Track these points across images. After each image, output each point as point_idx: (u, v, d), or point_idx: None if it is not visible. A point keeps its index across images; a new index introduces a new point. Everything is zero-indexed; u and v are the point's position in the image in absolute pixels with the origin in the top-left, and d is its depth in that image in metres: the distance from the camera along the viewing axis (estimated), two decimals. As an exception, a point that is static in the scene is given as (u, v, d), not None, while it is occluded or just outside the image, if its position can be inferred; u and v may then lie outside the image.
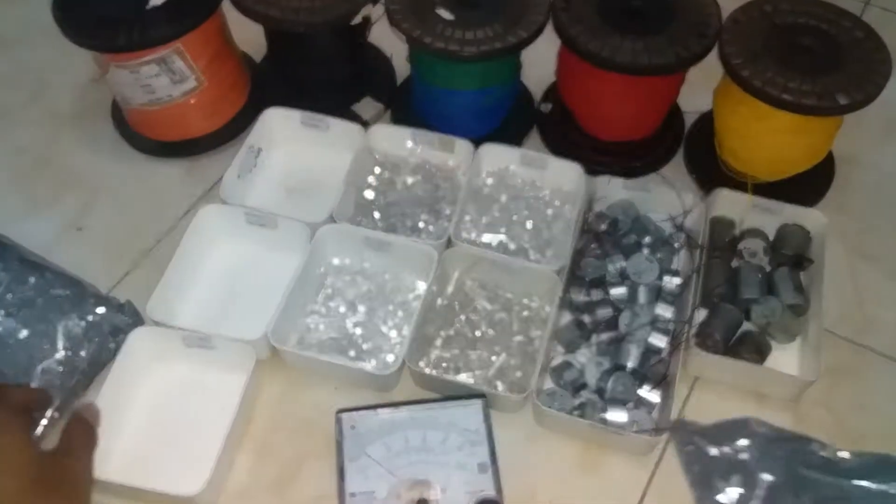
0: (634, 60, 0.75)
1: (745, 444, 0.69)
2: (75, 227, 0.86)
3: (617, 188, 0.82)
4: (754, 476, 0.67)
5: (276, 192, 0.87)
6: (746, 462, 0.68)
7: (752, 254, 0.77)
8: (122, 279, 0.81)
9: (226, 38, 0.89)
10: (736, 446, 0.69)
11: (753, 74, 0.74)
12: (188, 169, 0.91)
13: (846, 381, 0.74)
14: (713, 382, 0.74)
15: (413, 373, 0.72)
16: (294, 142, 0.89)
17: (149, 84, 0.83)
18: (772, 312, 0.73)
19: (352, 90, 0.94)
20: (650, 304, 0.75)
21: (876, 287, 0.81)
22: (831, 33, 0.78)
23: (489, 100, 0.86)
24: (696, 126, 0.92)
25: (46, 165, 0.92)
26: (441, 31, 0.78)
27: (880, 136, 0.93)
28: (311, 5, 0.81)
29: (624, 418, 0.68)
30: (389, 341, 0.75)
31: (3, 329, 0.70)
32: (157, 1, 0.80)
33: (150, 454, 0.69)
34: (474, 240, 0.80)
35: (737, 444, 0.69)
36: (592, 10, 0.79)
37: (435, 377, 0.71)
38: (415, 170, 0.85)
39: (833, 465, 0.68)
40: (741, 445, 0.69)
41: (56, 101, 0.98)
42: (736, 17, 0.80)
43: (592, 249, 0.78)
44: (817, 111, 0.74)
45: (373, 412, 0.67)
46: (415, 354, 0.72)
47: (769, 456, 0.68)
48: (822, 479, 0.67)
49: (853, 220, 0.86)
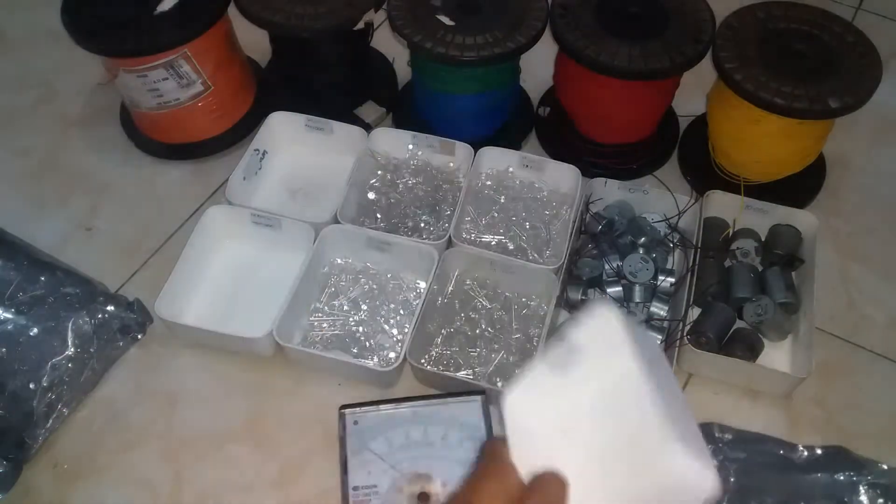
0: (630, 65, 0.77)
1: (709, 449, 0.69)
2: (84, 227, 0.88)
3: (613, 190, 0.83)
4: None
5: (280, 193, 0.89)
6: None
7: (744, 254, 0.79)
8: (131, 278, 0.83)
9: (232, 43, 0.90)
10: None
11: (746, 79, 0.76)
12: (195, 171, 0.92)
13: (837, 378, 0.76)
14: (707, 379, 0.75)
15: (414, 369, 0.73)
16: (298, 145, 0.90)
17: (156, 88, 0.84)
18: (764, 311, 0.74)
19: (354, 94, 0.96)
20: (645, 303, 0.76)
21: (866, 286, 0.82)
22: (823, 38, 0.80)
23: (489, 103, 0.87)
24: (691, 129, 0.93)
25: (56, 167, 0.93)
26: (442, 37, 0.79)
27: (871, 139, 0.94)
28: (315, 11, 0.82)
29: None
30: (391, 339, 0.76)
31: (14, 327, 0.71)
32: (164, 6, 0.82)
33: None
34: (474, 240, 0.82)
35: None
36: (590, 16, 0.81)
37: (436, 374, 0.72)
38: (416, 172, 0.86)
39: (790, 463, 0.68)
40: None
41: (65, 104, 0.99)
42: (730, 22, 0.81)
43: (589, 249, 0.80)
44: (809, 115, 0.75)
45: (375, 408, 0.69)
46: (416, 352, 0.73)
47: (731, 459, 0.68)
48: (780, 477, 0.67)
49: (844, 221, 0.87)
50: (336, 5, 0.83)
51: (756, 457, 0.69)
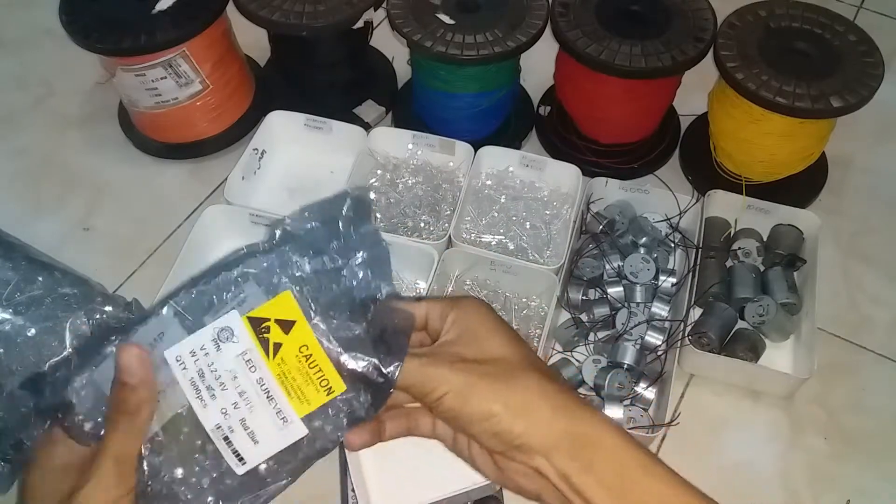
0: (631, 64, 0.76)
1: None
2: (82, 227, 0.87)
3: (614, 189, 0.83)
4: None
5: (279, 193, 0.88)
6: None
7: (746, 254, 0.78)
8: (129, 278, 0.83)
9: (230, 42, 0.90)
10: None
11: (748, 78, 0.76)
12: (193, 170, 0.92)
13: (839, 379, 0.75)
14: (708, 380, 0.75)
15: (414, 370, 0.73)
16: (297, 144, 0.90)
17: (155, 87, 0.84)
18: (765, 311, 0.74)
19: (354, 93, 0.95)
20: (647, 304, 0.76)
21: (868, 286, 0.82)
22: (825, 37, 0.79)
23: (489, 103, 0.87)
24: (692, 129, 0.93)
25: (53, 167, 0.93)
26: (441, 36, 0.79)
27: (873, 138, 0.94)
28: (314, 10, 0.82)
29: (620, 415, 0.69)
30: (391, 339, 0.76)
31: (12, 327, 0.70)
32: (163, 5, 0.81)
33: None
34: (474, 240, 0.82)
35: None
36: (590, 15, 0.81)
37: (435, 374, 0.72)
38: (416, 171, 0.86)
39: None
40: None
41: (63, 103, 0.99)
42: (731, 21, 0.81)
43: (590, 249, 0.79)
44: (811, 114, 0.75)
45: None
46: (416, 352, 0.72)
47: None
48: None
49: (846, 221, 0.87)
50: (335, 3, 0.83)
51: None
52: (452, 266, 0.79)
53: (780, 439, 0.72)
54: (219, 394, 0.40)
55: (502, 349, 0.43)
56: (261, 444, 0.40)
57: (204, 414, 0.40)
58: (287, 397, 0.40)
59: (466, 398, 0.41)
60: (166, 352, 0.40)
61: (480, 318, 0.44)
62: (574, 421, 0.41)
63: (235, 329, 0.40)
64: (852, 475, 0.70)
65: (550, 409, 0.41)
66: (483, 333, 0.43)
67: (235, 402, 0.40)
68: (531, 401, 0.41)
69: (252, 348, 0.40)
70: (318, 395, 0.40)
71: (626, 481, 0.39)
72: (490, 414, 0.40)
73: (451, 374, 0.41)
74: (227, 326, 0.40)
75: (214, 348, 0.40)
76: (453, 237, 0.77)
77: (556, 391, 0.41)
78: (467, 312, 0.44)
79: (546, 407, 0.41)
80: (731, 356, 0.73)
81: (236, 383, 0.40)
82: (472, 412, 0.41)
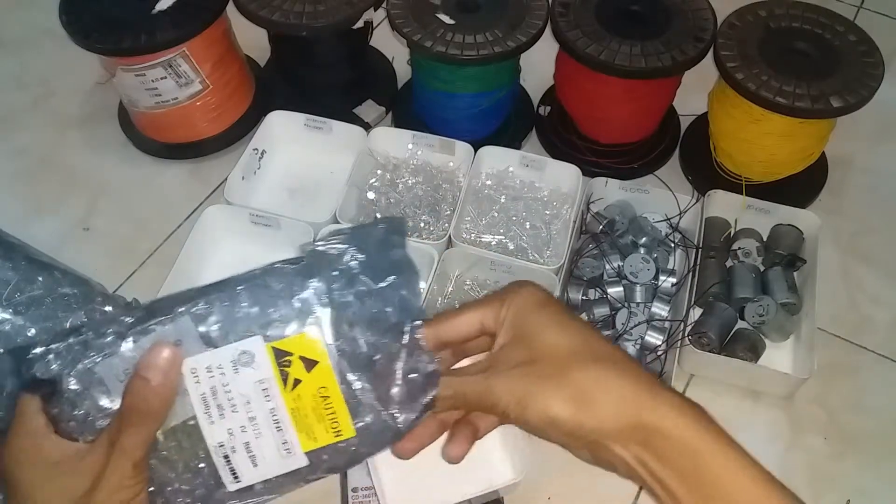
0: (631, 64, 0.76)
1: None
2: (82, 227, 0.87)
3: (614, 189, 0.83)
4: None
5: (279, 193, 0.88)
6: None
7: (746, 253, 0.78)
8: (129, 278, 0.83)
9: (230, 42, 0.90)
10: None
11: (748, 78, 0.76)
12: (193, 170, 0.92)
13: (839, 379, 0.75)
14: (708, 380, 0.75)
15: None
16: (297, 144, 0.90)
17: (155, 87, 0.84)
18: (765, 311, 0.74)
19: (354, 93, 0.95)
20: (646, 304, 0.76)
21: (868, 286, 0.82)
22: (825, 37, 0.79)
23: (489, 103, 0.87)
24: (692, 129, 0.93)
25: (53, 167, 0.93)
26: (441, 36, 0.79)
27: (873, 138, 0.94)
28: (314, 10, 0.82)
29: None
30: (391, 339, 0.76)
31: (12, 327, 0.70)
32: (163, 5, 0.81)
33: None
34: (474, 240, 0.82)
35: None
36: (590, 15, 0.81)
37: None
38: (416, 171, 0.86)
39: None
40: None
41: (63, 103, 0.99)
42: (731, 21, 0.81)
43: (590, 249, 0.79)
44: (811, 114, 0.75)
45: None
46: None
47: None
48: None
49: (846, 221, 0.87)
50: (335, 3, 0.83)
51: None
52: (452, 266, 0.79)
53: (780, 439, 0.72)
54: (228, 415, 0.39)
55: (556, 342, 0.41)
56: (260, 467, 0.40)
57: (209, 430, 0.39)
58: (296, 431, 0.40)
59: (525, 406, 0.40)
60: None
61: (531, 311, 0.42)
62: (643, 410, 0.39)
63: (257, 355, 0.39)
64: (852, 475, 0.70)
65: (614, 402, 0.39)
66: (535, 329, 0.42)
67: (243, 426, 0.39)
68: (591, 395, 0.39)
69: (270, 378, 0.39)
70: (326, 436, 0.40)
71: (703, 472, 0.39)
72: (552, 419, 0.39)
73: (508, 383, 0.40)
74: (249, 351, 0.39)
75: (232, 370, 0.39)
76: (453, 237, 0.77)
77: (618, 378, 0.40)
78: (518, 309, 0.42)
79: (609, 400, 0.39)
80: (731, 356, 0.73)
81: (248, 408, 0.39)
82: (535, 419, 0.40)
